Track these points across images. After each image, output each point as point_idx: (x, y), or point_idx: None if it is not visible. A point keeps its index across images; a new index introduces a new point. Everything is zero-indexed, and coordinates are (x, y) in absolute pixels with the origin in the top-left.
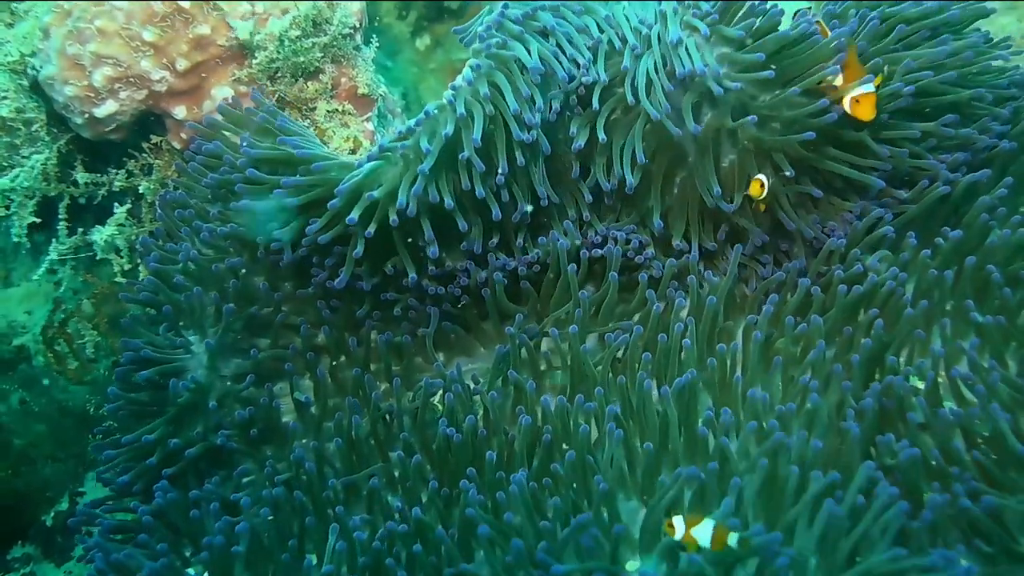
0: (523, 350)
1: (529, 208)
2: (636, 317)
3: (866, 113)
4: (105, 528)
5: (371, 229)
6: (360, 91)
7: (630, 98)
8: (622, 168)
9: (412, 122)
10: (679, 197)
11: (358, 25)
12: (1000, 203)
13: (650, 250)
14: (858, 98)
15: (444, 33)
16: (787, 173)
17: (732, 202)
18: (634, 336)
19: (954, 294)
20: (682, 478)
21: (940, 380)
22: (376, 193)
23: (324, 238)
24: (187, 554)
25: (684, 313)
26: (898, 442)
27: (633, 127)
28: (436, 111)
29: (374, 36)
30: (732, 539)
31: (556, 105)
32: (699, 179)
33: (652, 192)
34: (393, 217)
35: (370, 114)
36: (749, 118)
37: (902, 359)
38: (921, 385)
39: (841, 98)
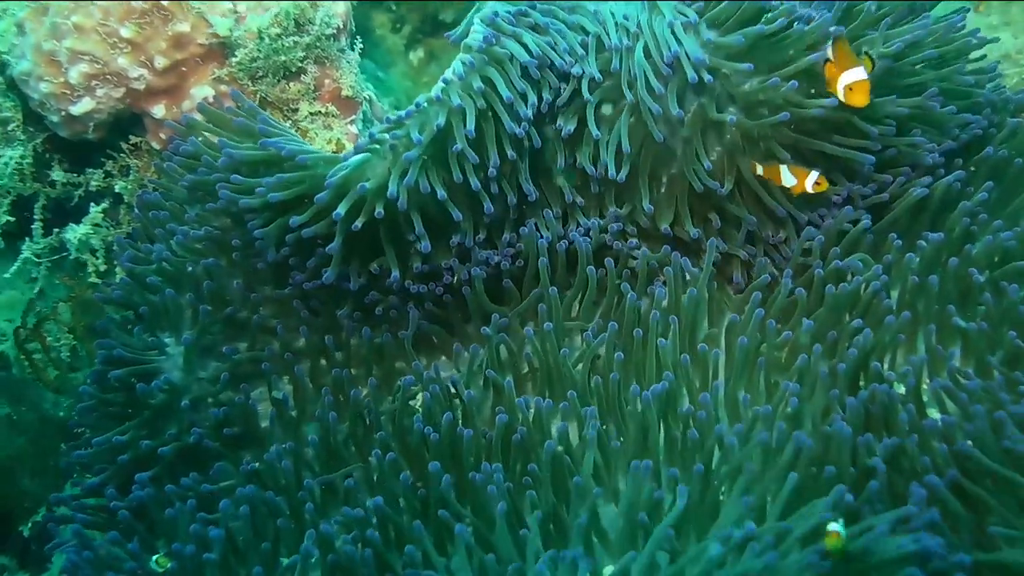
0: (502, 349)
1: (514, 200)
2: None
3: (860, 100)
4: (79, 523)
5: (359, 222)
6: (344, 93)
7: (627, 94)
8: (607, 157)
9: (402, 113)
10: (668, 186)
11: (342, 26)
12: (982, 208)
13: (634, 240)
14: (851, 85)
15: (438, 47)
16: (783, 158)
17: (723, 186)
18: (611, 334)
19: (938, 299)
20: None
21: (924, 386)
22: (368, 184)
23: (308, 232)
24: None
25: (664, 304)
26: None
27: (619, 120)
28: (427, 104)
29: (359, 38)
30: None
31: (547, 96)
32: (687, 164)
33: (640, 181)
34: (379, 210)
35: (354, 117)
36: (729, 118)
37: (886, 365)
38: (902, 390)
39: (833, 85)
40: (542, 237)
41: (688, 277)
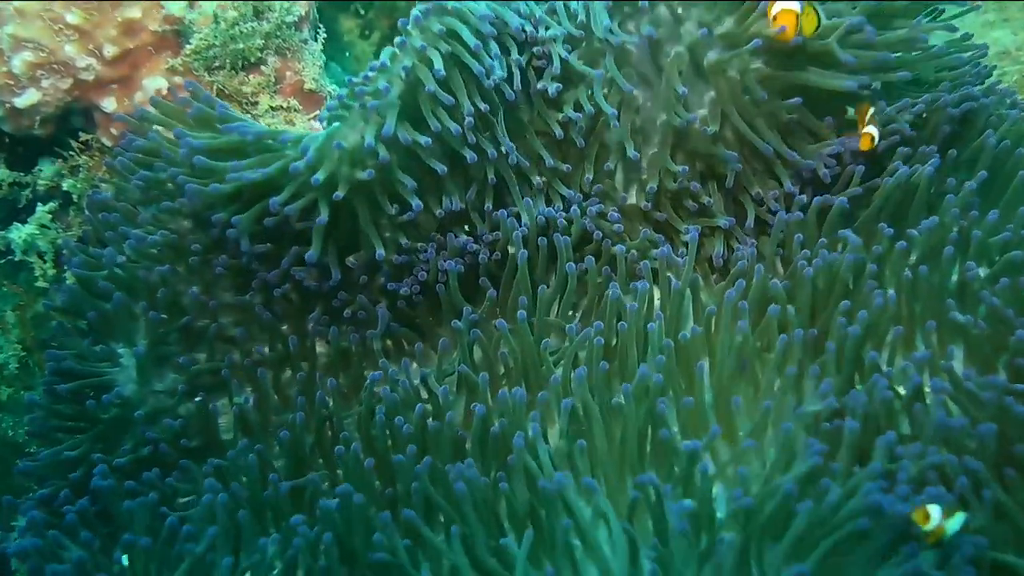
0: (475, 346)
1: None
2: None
3: (785, 25)
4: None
5: (341, 191)
6: (307, 86)
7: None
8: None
9: (367, 71)
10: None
11: (304, 15)
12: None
13: (615, 214)
14: (776, 15)
15: None
16: (761, 96)
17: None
18: (595, 331)
19: (932, 296)
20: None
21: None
22: (344, 143)
23: (291, 208)
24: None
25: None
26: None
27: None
28: (390, 60)
29: (321, 27)
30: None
31: (517, 56)
32: (663, 101)
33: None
34: (369, 170)
35: (318, 112)
36: (700, 30)
37: (883, 360)
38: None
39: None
40: (521, 226)
41: (671, 275)
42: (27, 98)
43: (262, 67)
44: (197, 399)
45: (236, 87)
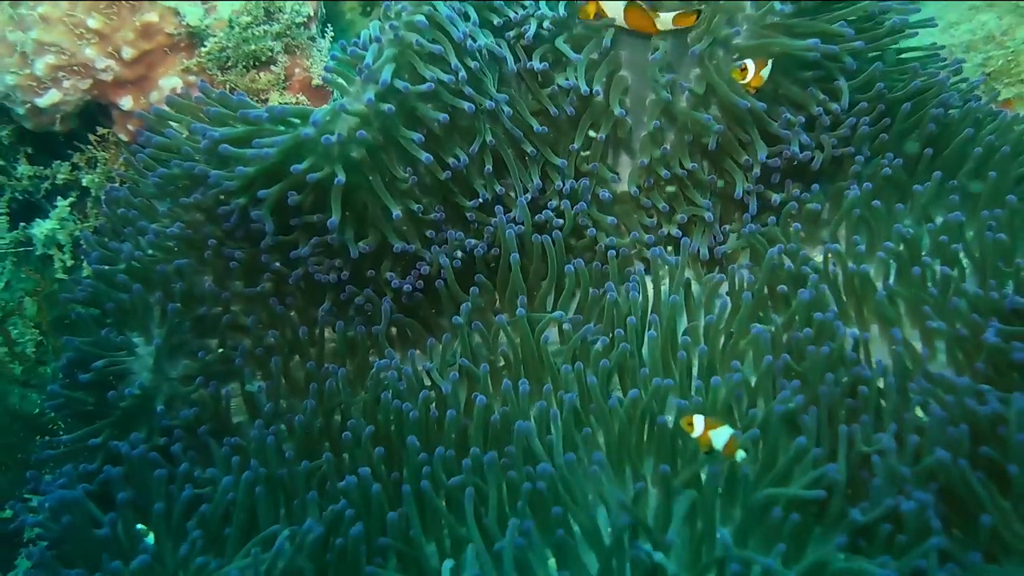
0: (477, 337)
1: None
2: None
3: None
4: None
5: (355, 152)
6: (315, 82)
7: None
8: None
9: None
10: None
11: (313, 14)
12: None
13: (612, 217)
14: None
15: None
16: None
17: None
18: (592, 331)
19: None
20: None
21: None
22: (347, 104)
23: (313, 176)
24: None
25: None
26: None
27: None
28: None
29: (329, 25)
30: (739, 455)
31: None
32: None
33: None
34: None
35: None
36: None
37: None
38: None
39: None
40: (516, 225)
41: (664, 274)
42: (48, 98)
43: (272, 66)
44: (210, 391)
45: (247, 85)
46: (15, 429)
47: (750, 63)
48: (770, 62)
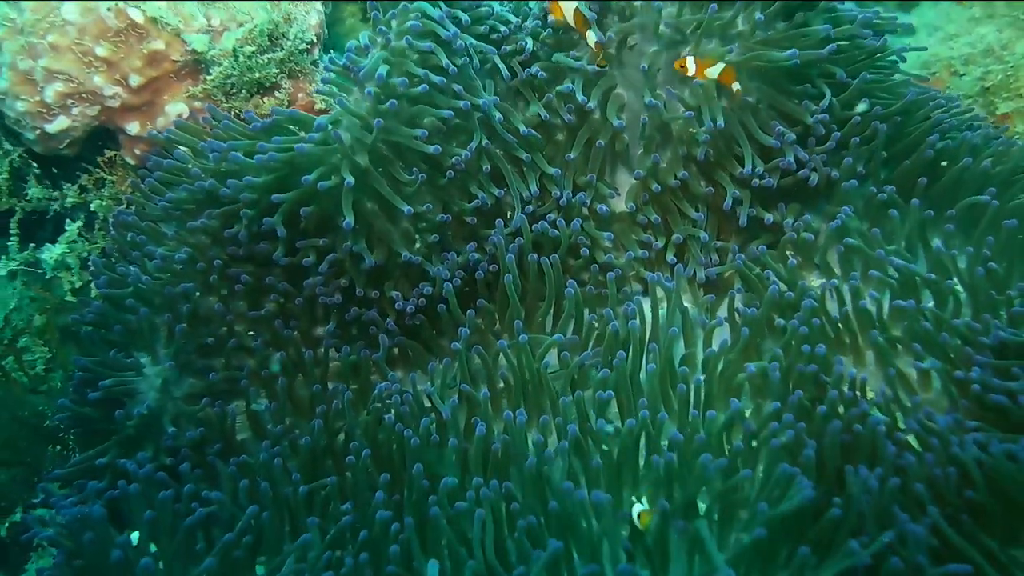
0: (477, 360)
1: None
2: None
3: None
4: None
5: (361, 159)
6: (317, 106)
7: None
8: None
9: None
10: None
11: (316, 40)
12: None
13: (609, 232)
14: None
15: None
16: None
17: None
18: (591, 356)
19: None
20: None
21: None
22: (349, 103)
23: (324, 185)
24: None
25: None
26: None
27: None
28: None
29: (332, 51)
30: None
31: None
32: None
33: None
34: (378, 119)
35: None
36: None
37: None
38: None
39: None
40: (514, 241)
41: (661, 294)
42: (57, 124)
43: (276, 91)
44: (215, 410)
45: (252, 110)
46: (22, 435)
47: (690, 59)
48: (721, 64)
